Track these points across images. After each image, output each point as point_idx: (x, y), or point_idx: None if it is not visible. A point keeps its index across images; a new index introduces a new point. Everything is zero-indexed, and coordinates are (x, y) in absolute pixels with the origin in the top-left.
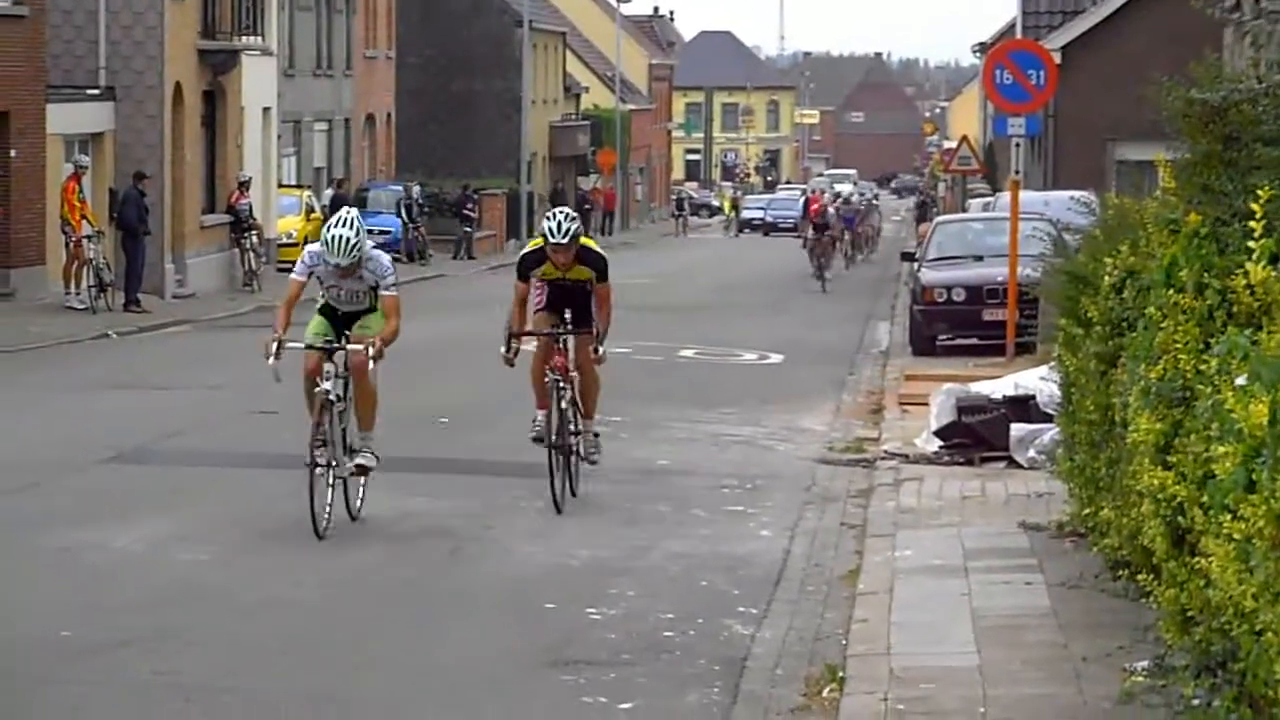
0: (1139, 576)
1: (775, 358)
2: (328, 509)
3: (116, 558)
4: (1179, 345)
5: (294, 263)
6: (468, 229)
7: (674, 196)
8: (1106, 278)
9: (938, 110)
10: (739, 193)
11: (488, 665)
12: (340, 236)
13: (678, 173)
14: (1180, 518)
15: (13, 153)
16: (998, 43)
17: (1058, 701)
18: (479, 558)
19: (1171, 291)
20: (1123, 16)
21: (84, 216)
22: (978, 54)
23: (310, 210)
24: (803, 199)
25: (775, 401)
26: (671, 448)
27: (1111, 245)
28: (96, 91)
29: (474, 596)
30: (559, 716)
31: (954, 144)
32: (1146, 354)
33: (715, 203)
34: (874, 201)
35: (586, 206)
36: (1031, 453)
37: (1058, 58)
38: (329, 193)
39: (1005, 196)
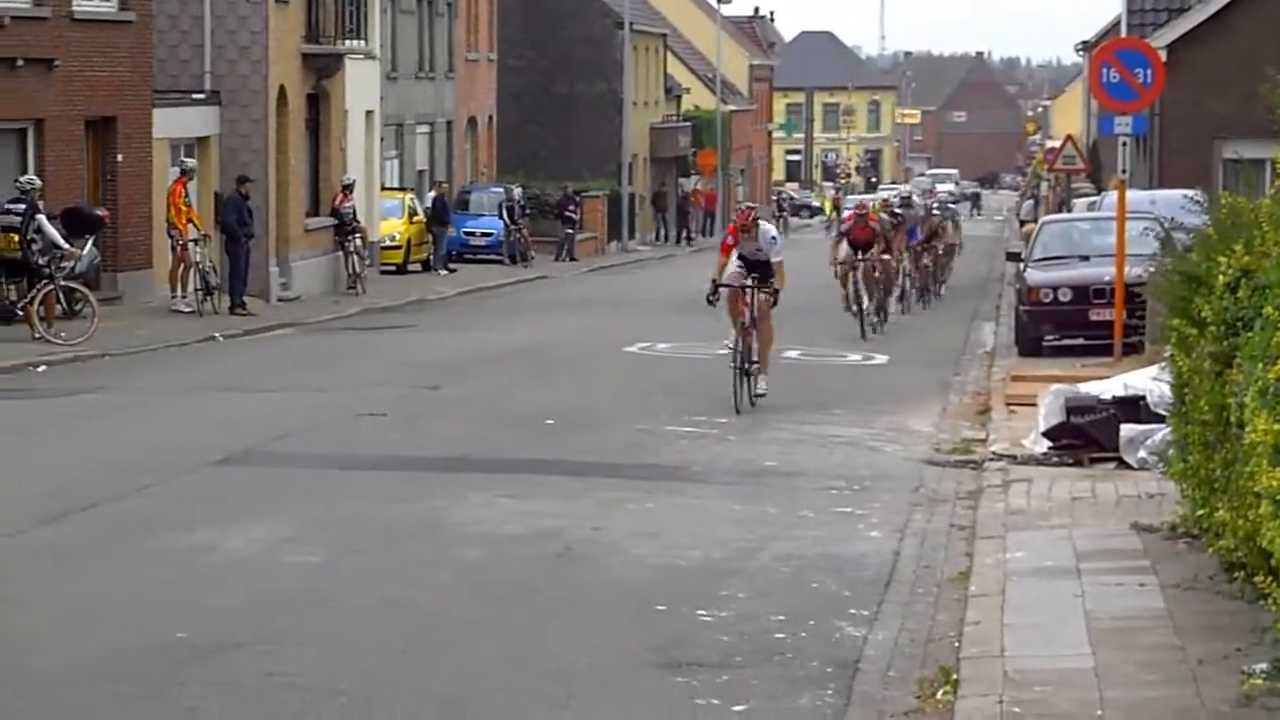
0: (1256, 578)
1: (880, 358)
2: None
3: (227, 560)
4: None
5: (396, 266)
6: (569, 231)
7: (774, 197)
8: (1221, 277)
9: (1040, 109)
10: (840, 193)
11: (599, 667)
12: None
13: (778, 173)
14: None
15: (120, 157)
16: (1101, 41)
17: (1175, 704)
18: (588, 559)
19: None
20: (1231, 12)
21: (190, 220)
22: (1080, 52)
23: (413, 213)
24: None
25: (881, 402)
26: (778, 449)
27: (1225, 244)
28: (202, 96)
29: (584, 598)
30: (672, 718)
31: (1056, 143)
32: (1264, 353)
33: (815, 203)
34: (950, 205)
35: (687, 208)
36: (1142, 453)
37: (1164, 55)
38: (431, 195)
39: (1111, 196)
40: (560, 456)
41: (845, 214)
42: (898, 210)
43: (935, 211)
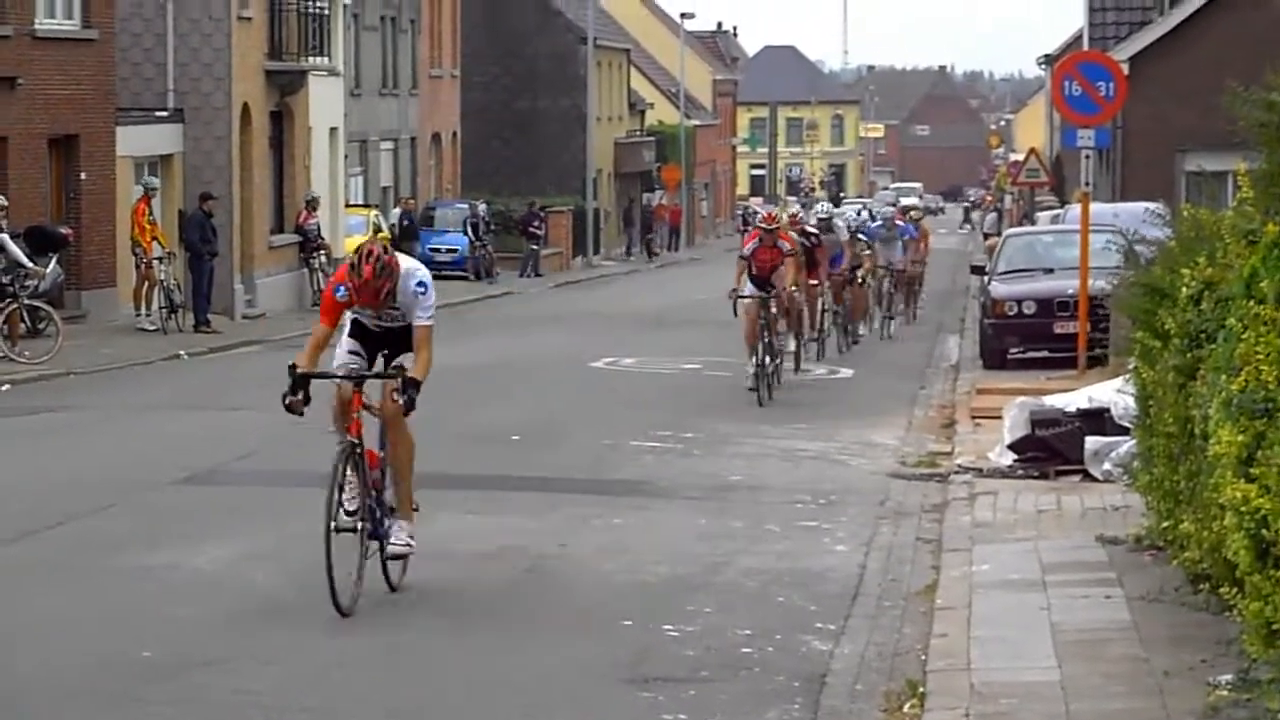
0: (1221, 590)
1: (845, 372)
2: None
3: (193, 578)
4: (1260, 357)
5: None
6: (534, 247)
7: (739, 212)
8: (1184, 289)
9: (1003, 123)
10: (805, 208)
11: (566, 682)
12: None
13: (742, 188)
14: (1264, 530)
15: (83, 175)
16: (1063, 54)
17: (1141, 716)
18: (555, 575)
19: (1252, 303)
20: (1191, 26)
21: (154, 238)
22: (1043, 66)
23: (378, 229)
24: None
25: (846, 416)
26: (744, 463)
27: (1188, 257)
28: (165, 113)
29: (551, 614)
30: None
31: (1020, 156)
32: (1227, 365)
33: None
34: (905, 220)
35: (651, 223)
36: (1107, 465)
37: (1126, 68)
38: (396, 211)
39: (1075, 209)
40: (526, 473)
41: (749, 230)
42: (811, 229)
43: (861, 236)
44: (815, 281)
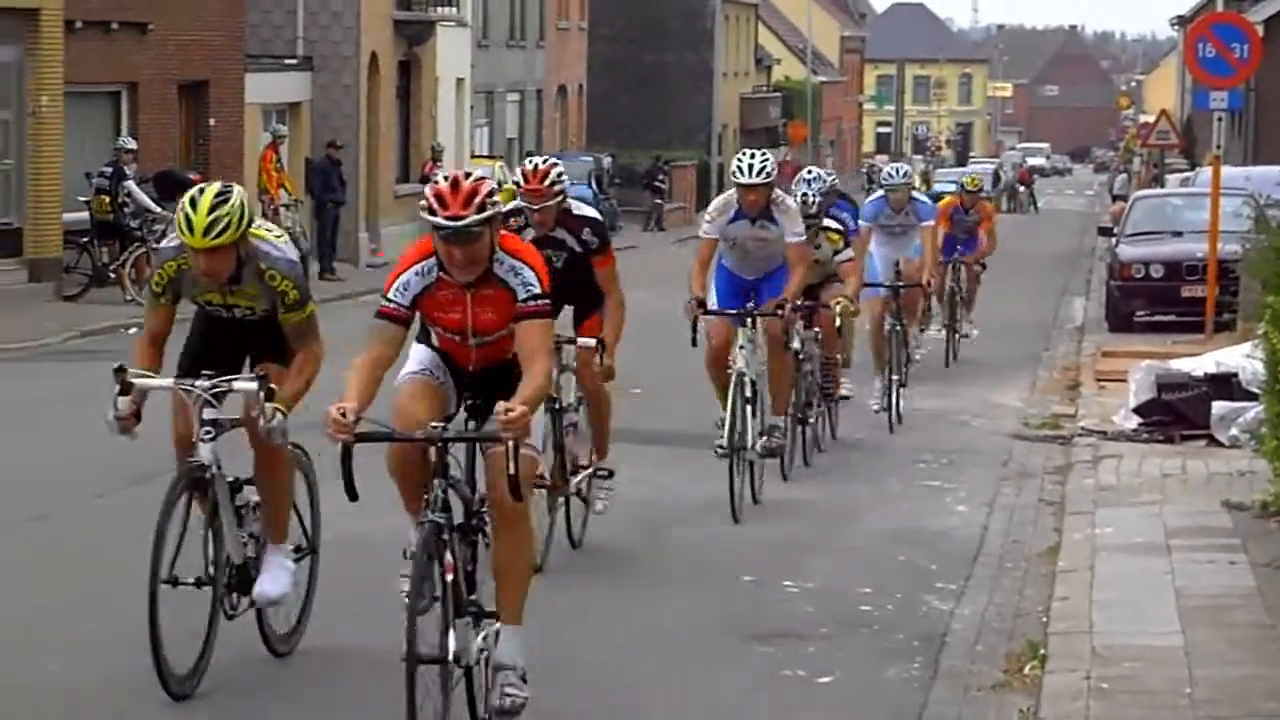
0: None
1: (970, 332)
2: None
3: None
4: None
5: None
6: (658, 201)
7: (863, 169)
8: None
9: (1133, 84)
10: (930, 166)
11: (686, 637)
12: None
13: (868, 145)
14: None
15: (212, 122)
16: (1197, 15)
17: (1266, 683)
18: (674, 530)
19: None
20: None
21: (282, 185)
22: (1176, 27)
23: (502, 181)
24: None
25: (968, 376)
26: (866, 422)
27: None
28: (294, 61)
29: (672, 569)
30: (759, 688)
31: (1150, 118)
32: None
33: None
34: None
35: None
36: (1233, 431)
37: (1261, 30)
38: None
39: (1205, 172)
40: (648, 426)
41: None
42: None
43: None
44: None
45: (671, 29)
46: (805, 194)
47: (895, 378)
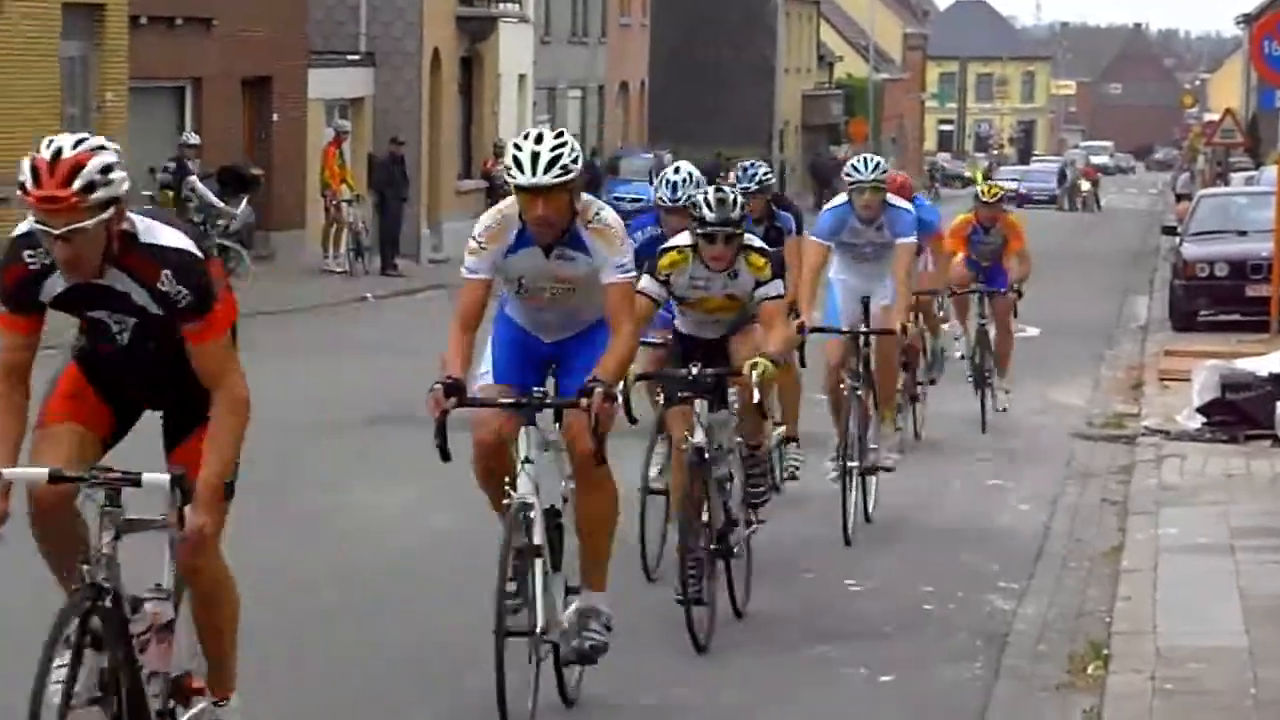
0: None
1: (1031, 331)
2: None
3: (373, 520)
4: None
5: None
6: None
7: (926, 167)
8: None
9: (1197, 82)
10: (992, 164)
11: (747, 631)
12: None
13: (930, 143)
14: None
15: (275, 117)
16: (1262, 13)
17: None
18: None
19: None
20: None
21: (344, 180)
22: (1241, 25)
23: None
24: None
25: (1031, 375)
26: (928, 419)
27: None
28: (357, 57)
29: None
30: (819, 685)
31: (1214, 117)
32: None
33: (967, 174)
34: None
35: (831, 178)
36: None
37: None
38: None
39: (1270, 171)
40: None
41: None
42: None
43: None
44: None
45: (733, 25)
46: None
47: (854, 465)
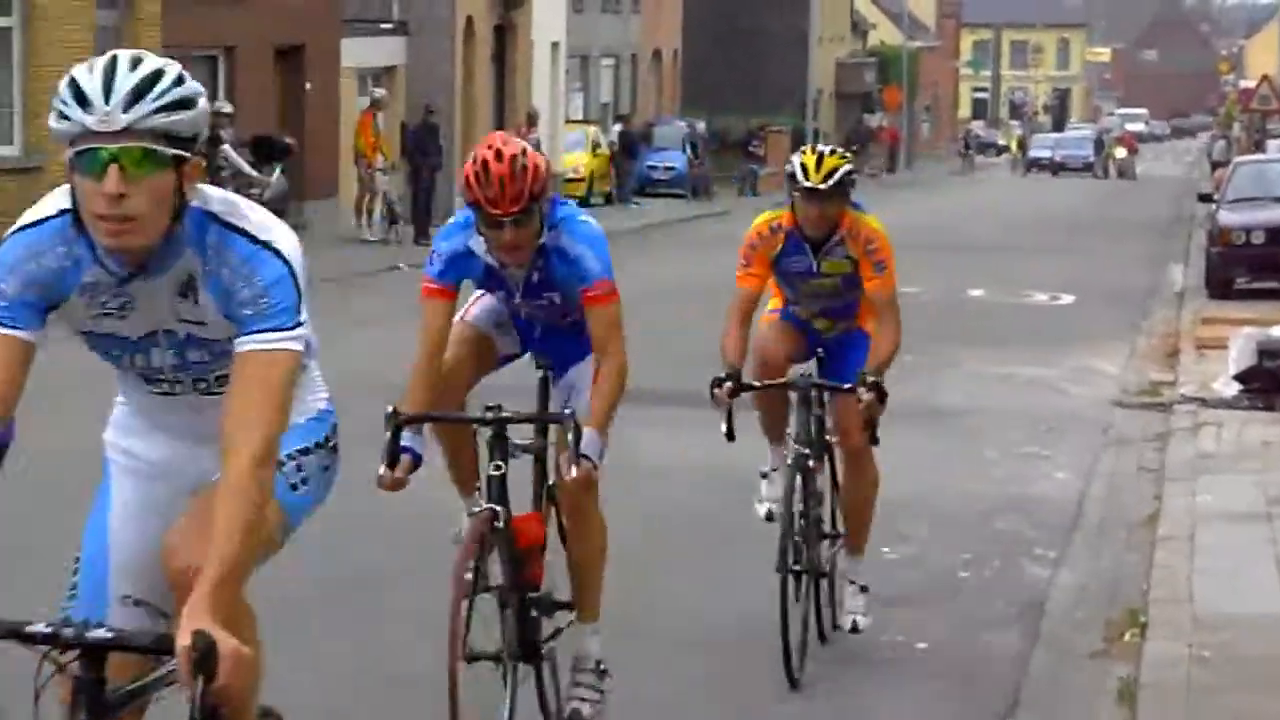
0: None
1: (1066, 298)
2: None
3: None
4: None
5: (579, 199)
6: (753, 166)
7: (961, 135)
8: None
9: (1234, 49)
10: (1026, 131)
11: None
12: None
13: (964, 111)
14: None
15: (308, 86)
16: None
17: None
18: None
19: None
20: None
21: (379, 149)
22: None
23: (596, 146)
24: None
25: (1067, 343)
26: (962, 388)
27: None
28: (390, 25)
29: (763, 532)
30: (857, 653)
31: (1250, 83)
32: None
33: (1001, 141)
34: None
35: (854, 147)
36: None
37: None
38: (616, 129)
39: None
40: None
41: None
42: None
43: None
44: None
45: None
46: None
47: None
